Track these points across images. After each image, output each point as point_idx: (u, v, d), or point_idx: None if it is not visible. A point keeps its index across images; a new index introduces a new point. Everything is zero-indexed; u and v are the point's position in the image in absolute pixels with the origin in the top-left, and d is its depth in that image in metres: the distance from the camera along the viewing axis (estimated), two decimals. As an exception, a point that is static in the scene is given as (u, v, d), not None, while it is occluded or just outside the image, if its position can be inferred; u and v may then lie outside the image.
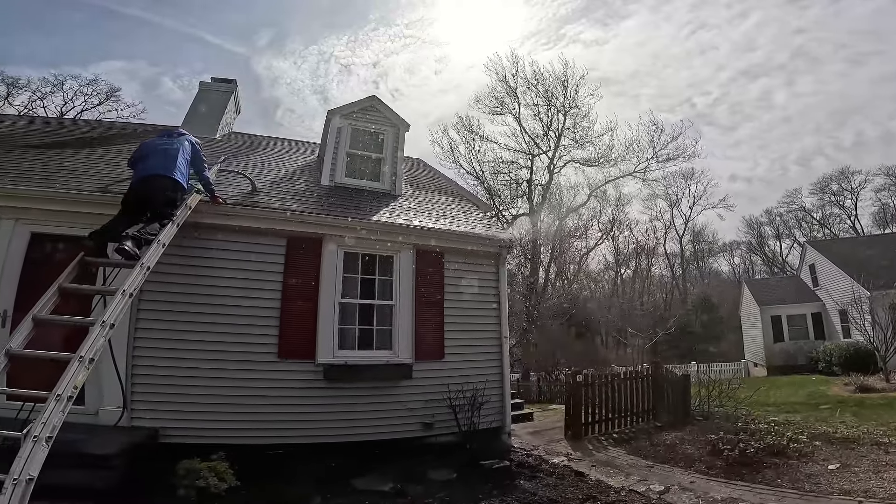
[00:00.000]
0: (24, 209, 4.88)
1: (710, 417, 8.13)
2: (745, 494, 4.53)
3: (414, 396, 5.81)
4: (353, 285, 5.94)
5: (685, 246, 42.55)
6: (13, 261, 4.77)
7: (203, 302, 5.14)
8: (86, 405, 4.57)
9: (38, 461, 2.79)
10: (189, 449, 4.40)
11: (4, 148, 6.73)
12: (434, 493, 4.48)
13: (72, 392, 3.12)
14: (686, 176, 39.69)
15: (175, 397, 4.94)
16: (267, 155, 8.52)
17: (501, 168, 26.42)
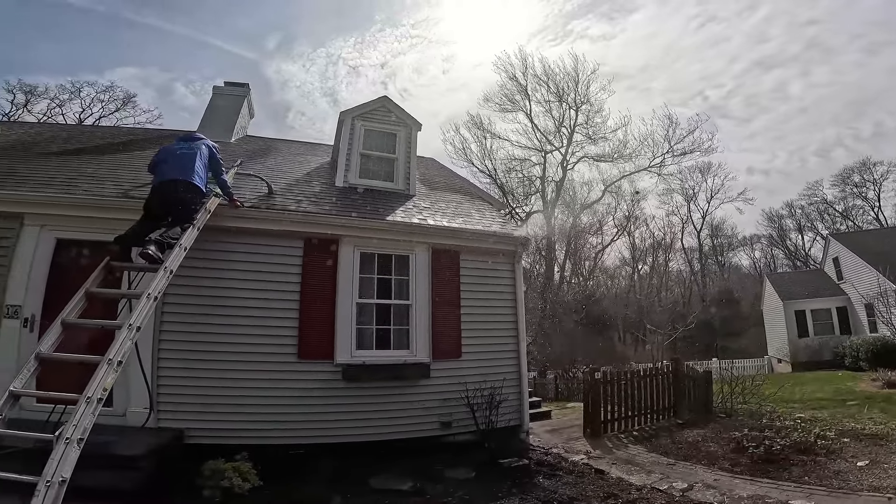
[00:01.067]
0: (49, 216, 5.04)
1: (734, 415, 8.02)
2: (771, 492, 4.46)
3: (432, 395, 5.85)
4: (370, 285, 5.99)
5: (703, 240, 41.95)
6: (40, 266, 4.93)
7: (224, 304, 5.24)
8: (114, 407, 4.68)
9: (71, 463, 2.85)
10: (213, 449, 4.51)
11: (27, 155, 6.95)
12: (453, 492, 4.51)
13: (101, 394, 3.21)
14: (703, 170, 39.10)
15: (199, 398, 5.04)
16: (281, 158, 8.63)
17: (514, 165, 26.37)
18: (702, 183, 40.20)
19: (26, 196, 5.06)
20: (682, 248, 42.15)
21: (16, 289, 4.83)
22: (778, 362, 22.18)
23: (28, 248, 4.92)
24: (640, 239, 41.67)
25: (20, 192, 5.12)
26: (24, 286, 4.85)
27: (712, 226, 42.09)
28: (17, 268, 4.87)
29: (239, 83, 10.16)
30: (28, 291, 4.85)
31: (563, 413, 10.33)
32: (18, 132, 8.77)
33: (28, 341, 4.70)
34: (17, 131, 8.86)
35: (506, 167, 26.35)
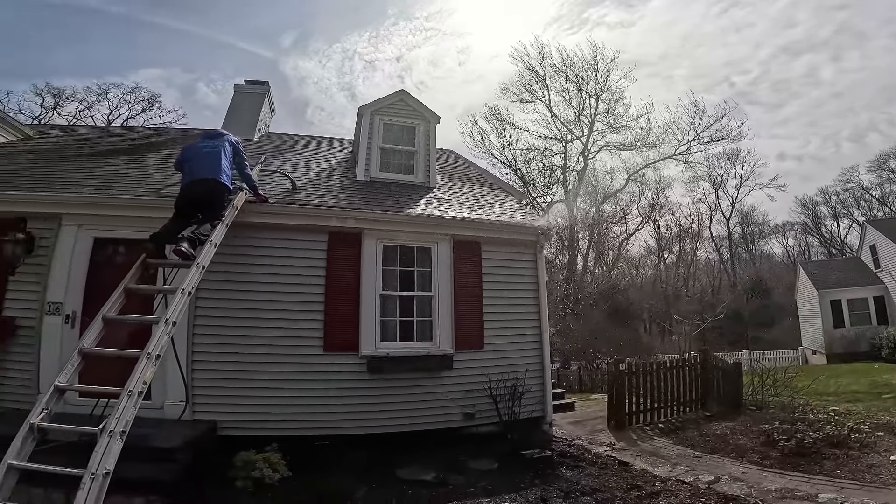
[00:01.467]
0: (86, 215, 5.29)
1: (765, 407, 7.90)
2: (801, 485, 4.41)
3: (455, 387, 5.93)
4: (393, 278, 6.09)
5: (733, 228, 40.82)
6: (79, 265, 5.19)
7: (252, 298, 5.42)
8: (152, 400, 4.86)
9: (114, 455, 2.96)
10: (244, 441, 4.67)
11: (62, 157, 7.27)
12: (475, 483, 4.60)
13: (141, 387, 3.34)
14: (731, 156, 37.98)
15: (230, 391, 5.24)
16: (303, 153, 8.80)
17: (534, 156, 26.12)
18: (730, 170, 39.06)
19: (64, 197, 5.33)
20: (710, 236, 41.15)
21: (56, 287, 5.11)
22: (812, 354, 21.60)
23: (67, 248, 5.18)
24: (666, 227, 40.84)
25: (58, 193, 5.39)
26: (65, 284, 5.12)
27: (742, 213, 40.94)
28: (56, 267, 5.14)
29: (259, 81, 10.35)
30: (68, 289, 5.12)
31: (587, 404, 10.31)
32: (51, 134, 9.16)
33: (69, 338, 4.98)
34: (49, 134, 9.26)
35: (526, 157, 26.17)
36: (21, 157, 7.12)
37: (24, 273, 5.12)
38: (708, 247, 42.05)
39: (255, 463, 4.32)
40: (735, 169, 39.03)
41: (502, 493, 4.35)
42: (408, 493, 4.33)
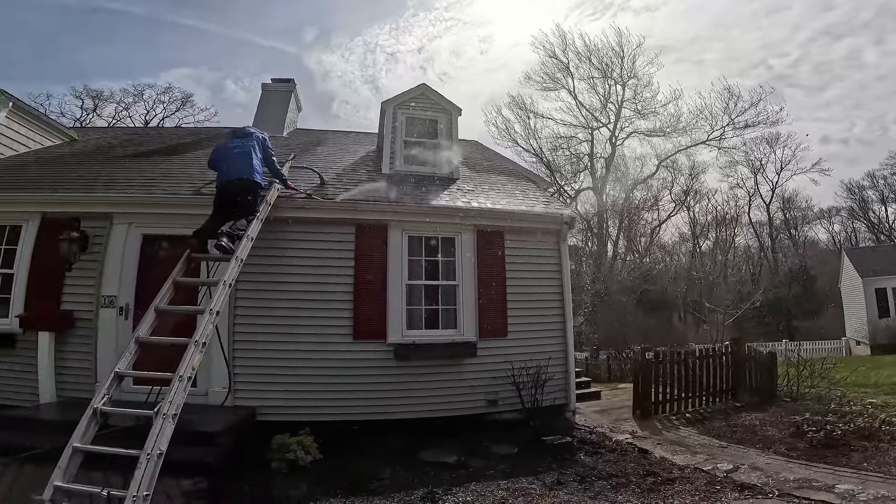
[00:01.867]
0: (135, 214, 5.78)
1: (800, 399, 7.78)
2: (822, 476, 4.42)
3: (478, 374, 6.17)
4: (418, 267, 6.37)
5: (773, 214, 39.33)
6: (130, 260, 5.68)
7: (285, 289, 5.80)
8: (198, 387, 5.19)
9: (167, 437, 3.30)
10: (280, 426, 4.98)
11: (107, 159, 7.84)
12: (495, 466, 4.83)
13: (190, 373, 3.71)
14: (770, 140, 36.51)
15: (267, 378, 5.63)
16: (330, 149, 9.14)
17: (560, 143, 25.91)
18: (770, 154, 37.57)
19: (114, 197, 5.83)
20: (749, 222, 39.76)
21: (110, 281, 5.62)
22: (856, 345, 20.80)
23: (118, 244, 5.68)
24: (702, 214, 39.69)
25: (108, 194, 5.90)
26: (118, 278, 5.62)
27: (784, 198, 39.28)
28: (109, 262, 5.65)
29: (284, 79, 10.73)
30: (121, 283, 5.62)
31: (614, 394, 10.36)
32: (95, 137, 9.81)
33: (123, 329, 5.48)
34: (92, 136, 9.92)
35: (552, 145, 25.96)
36: (69, 160, 7.71)
37: (80, 269, 5.64)
38: (748, 233, 40.70)
39: (289, 446, 4.64)
40: (775, 153, 37.50)
41: (520, 475, 4.56)
42: (430, 474, 4.60)
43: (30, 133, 8.39)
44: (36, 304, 5.55)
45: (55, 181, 6.40)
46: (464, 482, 4.39)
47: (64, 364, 5.48)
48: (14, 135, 8.04)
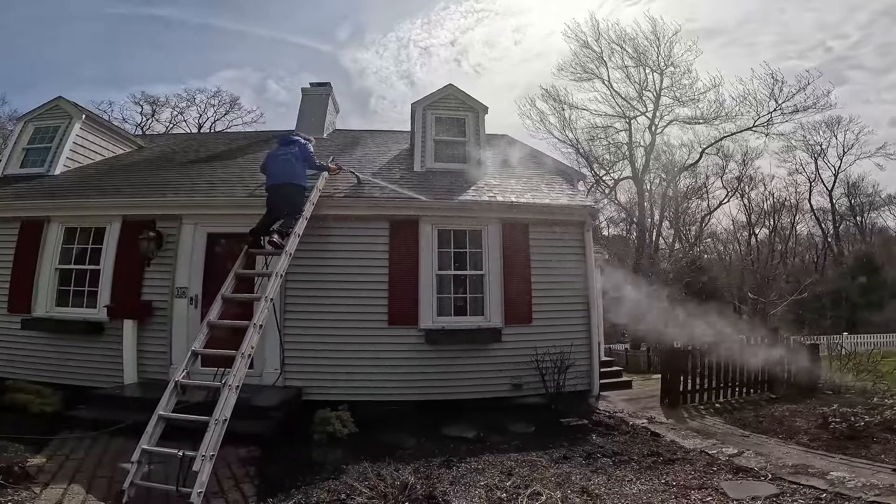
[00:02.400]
0: (200, 215, 6.72)
1: (842, 392, 7.76)
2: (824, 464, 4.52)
3: (504, 358, 6.70)
4: (447, 258, 6.98)
5: (837, 200, 37.17)
6: (197, 255, 6.65)
7: (327, 279, 6.58)
8: (254, 369, 5.68)
9: (230, 406, 4.08)
10: (323, 404, 5.69)
11: (172, 165, 8.91)
12: (510, 441, 5.34)
13: (250, 351, 4.52)
14: (831, 124, 34.60)
15: (312, 360, 6.41)
16: (367, 148, 9.88)
17: (597, 133, 25.58)
18: (830, 138, 35.59)
19: (183, 201, 6.82)
20: (810, 209, 37.78)
21: (182, 274, 6.59)
22: (926, 337, 19.62)
23: (188, 242, 6.65)
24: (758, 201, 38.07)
25: (178, 198, 6.89)
26: (188, 272, 6.59)
27: (848, 184, 37.05)
28: (181, 258, 6.62)
29: (321, 83, 11.57)
30: (191, 276, 6.59)
31: (647, 384, 10.45)
32: (159, 144, 11.03)
33: (193, 316, 6.43)
34: (158, 143, 11.15)
35: (589, 136, 25.69)
36: (141, 167, 8.84)
37: (157, 264, 6.64)
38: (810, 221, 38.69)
39: (329, 420, 5.35)
40: (836, 137, 35.50)
41: (531, 450, 5.02)
42: (450, 446, 5.18)
43: (102, 142, 9.57)
44: (120, 295, 6.59)
45: (132, 187, 7.47)
46: (479, 453, 4.93)
47: (144, 349, 6.46)
48: (89, 144, 9.22)
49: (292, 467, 4.45)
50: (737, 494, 3.83)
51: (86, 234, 6.97)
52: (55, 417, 5.38)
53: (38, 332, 6.62)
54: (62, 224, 7.00)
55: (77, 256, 6.94)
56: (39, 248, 6.89)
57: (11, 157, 8.58)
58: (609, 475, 4.34)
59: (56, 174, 8.19)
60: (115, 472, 4.04)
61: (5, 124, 27.28)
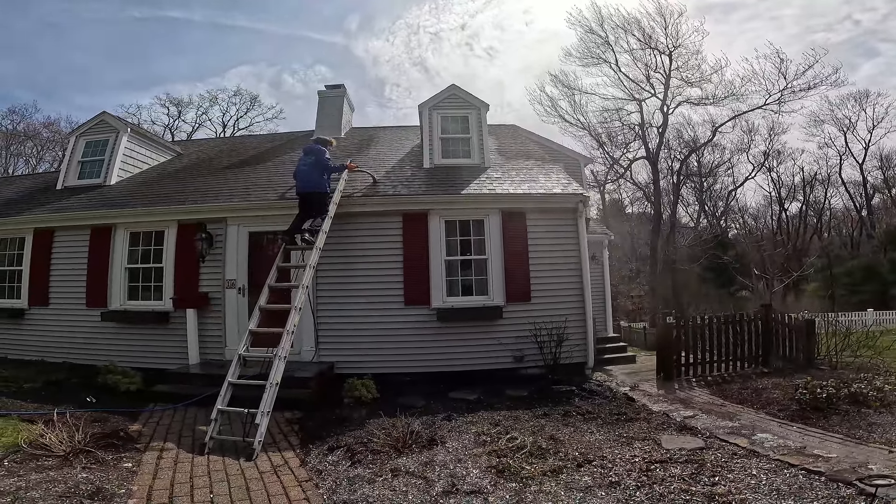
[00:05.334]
0: (241, 217, 8.03)
1: (838, 367, 8.10)
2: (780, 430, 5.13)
3: (506, 333, 7.75)
4: (454, 245, 8.08)
5: (868, 173, 36.65)
6: (242, 252, 7.97)
7: (351, 268, 7.78)
8: (294, 347, 6.44)
9: (280, 372, 5.33)
10: (352, 376, 6.87)
11: (211, 171, 10.25)
12: (504, 402, 6.40)
13: (293, 328, 5.75)
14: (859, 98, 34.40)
15: (342, 339, 7.63)
16: (381, 146, 11.02)
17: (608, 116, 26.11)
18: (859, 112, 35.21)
19: (226, 205, 8.13)
20: (841, 182, 37.30)
21: (230, 268, 7.95)
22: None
23: (233, 240, 7.99)
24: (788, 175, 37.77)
25: (222, 203, 8.22)
26: (235, 266, 7.94)
27: (881, 157, 36.47)
28: (228, 254, 7.98)
29: (336, 85, 12.66)
30: (238, 270, 7.93)
31: (652, 359, 11.00)
32: (195, 150, 12.44)
33: (242, 304, 7.78)
34: (193, 149, 12.56)
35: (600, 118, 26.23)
36: (184, 174, 10.22)
37: (210, 261, 8.01)
38: (844, 195, 38.20)
39: (356, 386, 6.53)
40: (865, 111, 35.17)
41: (520, 409, 6.04)
42: (452, 405, 6.30)
43: (146, 152, 11.02)
44: (181, 288, 7.98)
45: (182, 194, 8.86)
46: (476, 410, 6.02)
47: (203, 333, 7.82)
48: (136, 155, 10.66)
49: (327, 423, 5.65)
50: (669, 445, 4.63)
51: (148, 237, 8.39)
52: (139, 394, 6.63)
53: (115, 323, 8.10)
54: (127, 229, 8.43)
55: (142, 256, 8.37)
56: (109, 250, 8.35)
57: (69, 170, 10.08)
58: (576, 428, 5.32)
59: (112, 184, 9.68)
60: (195, 433, 5.22)
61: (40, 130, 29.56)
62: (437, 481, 3.92)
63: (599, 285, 12.50)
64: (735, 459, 4.24)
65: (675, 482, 3.74)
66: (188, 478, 4.13)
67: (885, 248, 29.17)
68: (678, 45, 23.57)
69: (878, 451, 4.43)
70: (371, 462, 4.37)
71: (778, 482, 3.67)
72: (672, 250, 22.48)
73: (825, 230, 40.39)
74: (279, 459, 4.61)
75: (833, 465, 3.93)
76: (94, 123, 10.22)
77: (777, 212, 39.23)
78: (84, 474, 3.95)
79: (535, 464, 4.19)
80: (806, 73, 23.19)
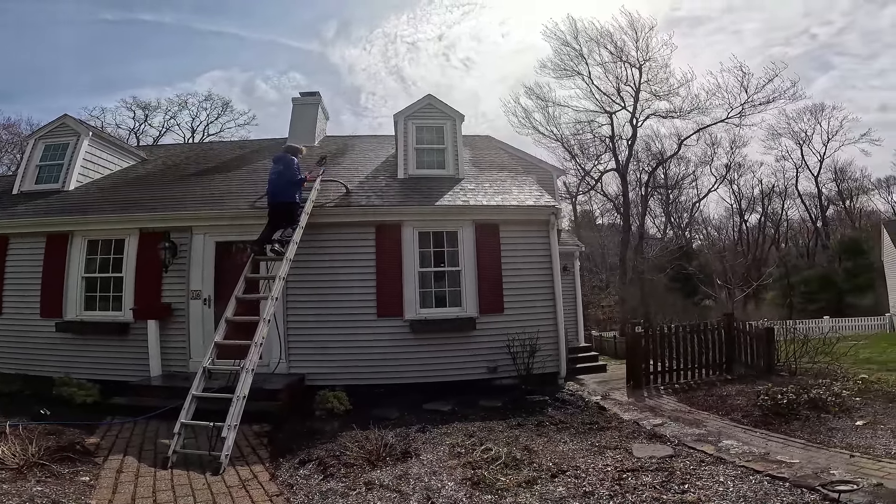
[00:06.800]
0: (207, 226, 7.82)
1: (797, 373, 8.26)
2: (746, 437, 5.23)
3: (480, 344, 7.77)
4: (428, 257, 8.06)
5: (824, 185, 38.78)
6: (208, 262, 7.76)
7: (325, 280, 7.66)
8: (263, 359, 6.35)
9: (248, 385, 5.19)
10: (323, 388, 6.75)
11: (177, 178, 9.97)
12: (478, 413, 6.41)
13: (261, 340, 5.62)
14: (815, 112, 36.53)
15: (313, 351, 7.50)
16: (355, 155, 10.95)
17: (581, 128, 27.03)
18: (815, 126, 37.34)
19: (192, 214, 7.92)
20: (798, 194, 39.33)
21: (195, 279, 7.71)
22: (900, 321, 20.83)
23: (198, 250, 7.77)
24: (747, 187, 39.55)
25: (188, 211, 8.00)
26: (201, 277, 7.71)
27: (835, 169, 38.69)
28: (193, 264, 7.74)
29: (311, 92, 12.57)
30: (203, 280, 7.71)
31: (622, 368, 11.22)
32: (161, 156, 12.06)
33: (208, 316, 7.55)
34: (159, 155, 12.18)
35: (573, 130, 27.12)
36: (149, 180, 9.90)
37: (174, 270, 7.75)
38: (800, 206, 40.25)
39: (327, 398, 6.43)
40: (820, 125, 37.31)
41: (494, 420, 6.05)
42: (427, 417, 6.28)
43: (108, 157, 10.61)
44: (142, 299, 7.69)
45: (145, 202, 8.56)
46: (450, 422, 5.99)
47: (166, 345, 7.54)
48: (97, 160, 10.25)
49: (298, 436, 5.52)
50: (640, 454, 4.71)
51: (107, 246, 8.07)
52: (96, 407, 6.38)
53: (72, 334, 7.74)
54: (85, 237, 8.09)
55: (101, 265, 8.04)
56: (66, 259, 7.98)
57: (26, 174, 9.62)
58: (550, 438, 5.35)
59: (71, 189, 9.27)
60: (157, 447, 5.03)
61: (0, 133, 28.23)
62: (411, 494, 3.89)
63: (571, 296, 12.71)
64: (703, 467, 4.34)
65: (647, 490, 3.80)
66: (150, 492, 3.99)
67: (839, 258, 30.75)
68: (648, 59, 24.63)
69: (838, 455, 4.58)
70: (344, 475, 4.30)
71: (744, 489, 3.78)
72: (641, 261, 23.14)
73: (783, 241, 42.40)
74: (248, 473, 4.50)
75: (796, 471, 4.07)
76: (55, 126, 9.83)
77: (738, 223, 40.97)
78: (39, 487, 3.78)
79: (510, 475, 4.19)
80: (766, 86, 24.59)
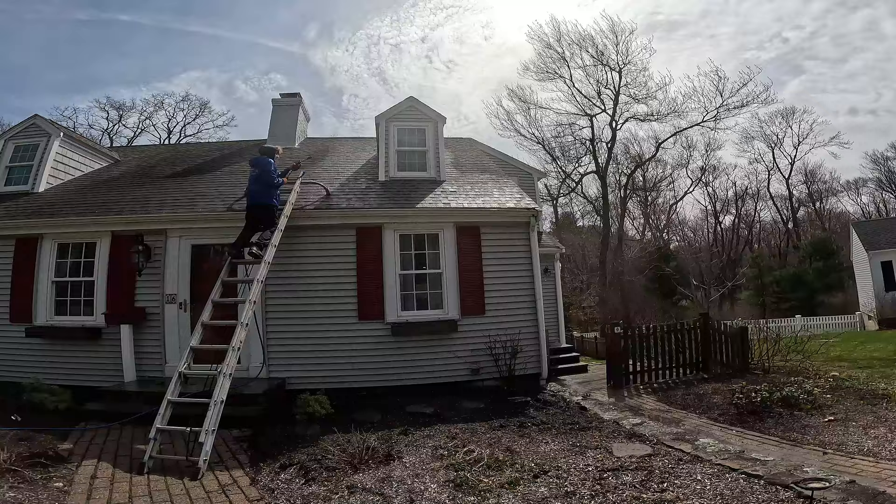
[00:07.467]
0: (183, 229, 7.65)
1: (772, 372, 8.37)
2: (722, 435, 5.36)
3: (462, 346, 7.76)
4: (409, 259, 8.04)
5: (794, 188, 40.06)
6: (184, 265, 7.59)
7: (305, 283, 7.57)
8: (241, 363, 6.59)
9: (225, 390, 5.10)
10: (304, 392, 6.59)
11: (153, 180, 9.72)
12: (460, 415, 6.42)
13: (239, 344, 5.53)
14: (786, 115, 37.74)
15: (293, 354, 7.42)
16: (336, 157, 10.84)
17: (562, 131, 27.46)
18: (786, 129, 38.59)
19: (167, 217, 7.72)
20: (769, 196, 40.51)
21: (170, 282, 7.53)
22: (868, 319, 21.33)
23: (174, 253, 7.59)
24: (722, 189, 40.57)
25: (162, 214, 7.79)
26: (176, 280, 7.53)
27: (805, 172, 40.04)
28: (168, 268, 7.56)
29: (291, 94, 12.44)
30: (179, 284, 7.52)
31: (602, 368, 11.26)
32: (135, 157, 11.78)
33: (183, 319, 7.38)
34: (133, 156, 11.88)
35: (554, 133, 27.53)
36: (122, 182, 9.63)
37: (148, 274, 7.55)
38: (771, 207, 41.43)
39: (308, 402, 6.30)
40: (791, 128, 38.58)
41: (476, 421, 6.07)
42: (409, 419, 6.24)
43: (80, 158, 10.33)
44: (115, 303, 7.48)
45: (118, 204, 8.31)
46: (433, 424, 5.99)
47: (140, 350, 7.36)
48: (69, 161, 9.97)
49: (278, 440, 5.45)
50: (620, 453, 4.77)
51: (78, 249, 7.84)
52: (69, 413, 6.23)
53: (42, 339, 7.49)
54: (55, 240, 7.84)
55: (71, 269, 7.80)
56: (35, 263, 7.73)
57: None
58: (532, 439, 5.39)
59: (41, 191, 8.99)
60: (132, 452, 4.92)
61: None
62: (394, 497, 3.87)
63: (552, 297, 12.78)
64: (681, 465, 4.40)
65: (627, 490, 3.84)
66: (126, 497, 3.92)
67: (810, 259, 31.68)
68: (627, 62, 25.14)
69: (812, 452, 4.71)
70: (326, 479, 4.26)
71: (721, 487, 3.84)
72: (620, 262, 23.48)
73: (756, 241, 43.51)
74: (227, 478, 4.42)
75: (770, 469, 4.15)
76: (25, 126, 9.54)
77: (713, 224, 41.95)
78: (12, 493, 3.71)
79: (493, 476, 4.20)
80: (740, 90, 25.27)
